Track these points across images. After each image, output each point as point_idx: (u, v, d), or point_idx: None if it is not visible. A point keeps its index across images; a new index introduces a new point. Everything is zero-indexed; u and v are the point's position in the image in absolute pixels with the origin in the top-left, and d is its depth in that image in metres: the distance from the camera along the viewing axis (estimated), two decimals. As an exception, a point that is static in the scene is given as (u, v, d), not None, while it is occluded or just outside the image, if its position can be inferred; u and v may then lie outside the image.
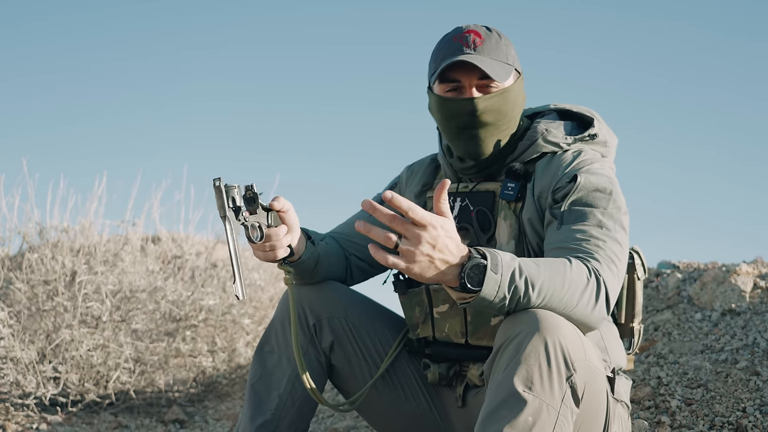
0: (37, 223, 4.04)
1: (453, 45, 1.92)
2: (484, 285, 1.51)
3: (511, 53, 1.95)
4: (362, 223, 1.51)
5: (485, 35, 1.92)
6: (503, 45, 1.93)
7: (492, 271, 1.52)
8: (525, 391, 1.53)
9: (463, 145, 1.96)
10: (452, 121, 1.94)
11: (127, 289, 3.76)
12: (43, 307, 3.65)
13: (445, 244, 1.50)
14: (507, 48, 1.94)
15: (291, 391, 2.00)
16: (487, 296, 1.53)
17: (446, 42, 1.94)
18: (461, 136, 1.94)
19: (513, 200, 1.92)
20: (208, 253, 4.42)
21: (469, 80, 1.90)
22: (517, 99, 1.95)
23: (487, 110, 1.90)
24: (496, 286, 1.52)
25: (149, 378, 3.75)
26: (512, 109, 1.94)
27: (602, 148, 1.98)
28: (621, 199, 1.83)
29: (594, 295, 1.62)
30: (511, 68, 1.93)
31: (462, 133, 1.94)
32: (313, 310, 2.03)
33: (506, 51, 1.93)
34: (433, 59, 1.97)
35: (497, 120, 1.92)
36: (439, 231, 1.49)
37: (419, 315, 2.03)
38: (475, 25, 1.95)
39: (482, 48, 1.90)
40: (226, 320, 4.02)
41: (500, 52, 1.92)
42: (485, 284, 1.51)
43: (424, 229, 1.48)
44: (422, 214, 1.48)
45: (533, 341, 1.54)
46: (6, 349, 3.45)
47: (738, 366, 2.76)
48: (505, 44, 1.94)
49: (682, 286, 3.41)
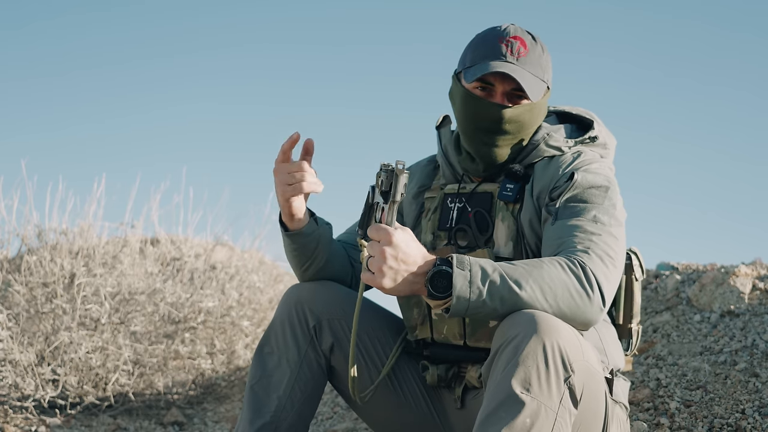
0: (36, 225, 4.04)
1: (497, 48, 1.91)
2: (454, 283, 1.57)
3: (549, 68, 1.96)
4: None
5: (530, 46, 1.92)
6: (544, 60, 1.94)
7: (459, 268, 1.58)
8: (523, 392, 1.53)
9: (477, 147, 1.96)
10: (474, 121, 1.94)
11: (125, 291, 3.76)
12: (42, 310, 3.65)
13: (406, 254, 1.60)
14: (546, 63, 1.95)
15: (291, 393, 2.00)
16: (462, 294, 1.57)
17: (491, 40, 1.93)
18: (478, 137, 1.95)
19: (511, 201, 1.92)
20: (207, 255, 4.42)
21: (503, 87, 1.91)
22: (540, 112, 1.96)
23: (512, 121, 1.91)
24: (466, 282, 1.57)
25: (148, 380, 3.75)
26: (535, 122, 1.95)
27: (602, 150, 1.99)
28: (618, 197, 1.84)
29: (582, 287, 1.62)
30: (545, 85, 1.94)
31: (480, 134, 1.94)
32: (313, 312, 2.03)
33: (545, 66, 1.94)
34: (472, 52, 1.95)
35: (517, 130, 1.93)
36: (398, 241, 1.59)
37: (417, 316, 2.03)
38: (522, 31, 1.94)
39: (525, 60, 1.90)
40: (225, 322, 4.02)
41: (540, 67, 1.93)
42: (454, 281, 1.57)
43: (385, 242, 1.59)
44: (374, 230, 1.61)
45: (531, 343, 1.54)
46: (5, 351, 3.45)
47: (737, 367, 2.76)
48: (546, 59, 1.95)
49: (681, 288, 3.41)
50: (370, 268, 1.61)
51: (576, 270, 1.63)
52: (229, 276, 4.27)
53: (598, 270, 1.65)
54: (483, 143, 1.95)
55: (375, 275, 1.60)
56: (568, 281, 1.61)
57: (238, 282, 4.27)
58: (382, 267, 1.58)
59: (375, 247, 1.60)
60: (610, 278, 1.68)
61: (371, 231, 1.63)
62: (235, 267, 4.40)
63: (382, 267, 1.58)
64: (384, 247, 1.58)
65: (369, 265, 1.61)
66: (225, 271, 4.30)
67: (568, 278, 1.61)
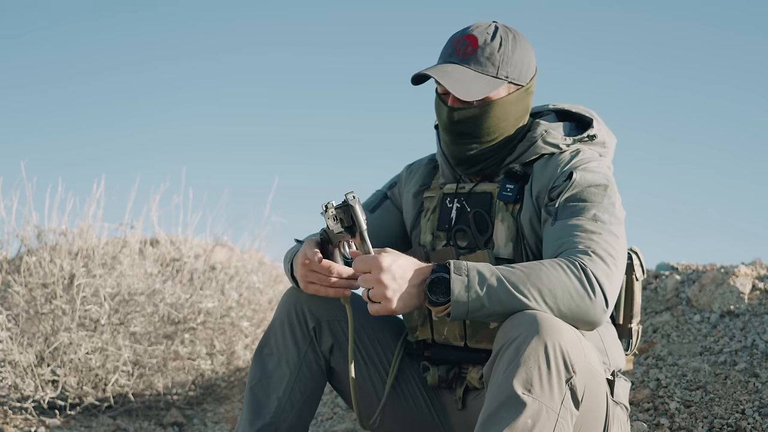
0: (36, 226, 4.03)
1: (449, 48, 1.93)
2: (452, 288, 1.59)
3: (511, 63, 1.89)
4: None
5: (482, 44, 1.88)
6: (500, 55, 1.88)
7: (456, 274, 1.60)
8: (524, 393, 1.53)
9: (447, 147, 1.99)
10: (438, 122, 1.99)
11: (125, 291, 3.76)
12: (42, 311, 3.64)
13: (402, 270, 1.63)
14: (506, 58, 1.89)
15: (290, 395, 2.00)
16: (460, 299, 1.59)
17: (449, 42, 1.94)
18: (444, 137, 1.98)
19: (511, 202, 1.92)
20: (206, 255, 4.42)
21: (441, 88, 1.93)
22: (507, 112, 1.92)
23: (463, 122, 1.91)
24: (464, 287, 1.59)
25: (148, 381, 3.74)
26: (498, 121, 1.91)
27: (600, 149, 1.98)
28: (617, 195, 1.83)
29: (584, 288, 1.62)
30: (501, 82, 1.88)
31: (445, 135, 1.97)
32: (313, 313, 2.03)
33: (502, 62, 1.88)
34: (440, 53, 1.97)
35: (476, 132, 1.91)
36: (388, 263, 1.62)
37: (418, 318, 2.03)
38: (483, 28, 1.91)
39: (471, 58, 1.88)
40: (225, 323, 4.02)
41: (490, 64, 1.88)
42: (452, 286, 1.59)
43: (377, 270, 1.61)
44: (363, 261, 1.63)
45: (533, 343, 1.54)
46: (4, 352, 3.44)
47: (737, 368, 2.76)
48: (506, 54, 1.89)
49: (681, 288, 3.41)
50: (373, 300, 1.63)
51: (577, 272, 1.63)
52: (229, 277, 4.27)
53: (599, 271, 1.65)
54: (448, 143, 1.97)
55: (382, 304, 1.63)
56: (568, 283, 1.61)
57: (237, 282, 4.27)
58: (386, 293, 1.61)
59: (369, 279, 1.63)
60: (612, 278, 1.67)
61: (357, 265, 1.65)
62: (235, 267, 4.39)
63: (386, 293, 1.61)
64: (379, 276, 1.61)
65: (371, 296, 1.63)
66: (224, 271, 4.30)
67: (568, 280, 1.61)
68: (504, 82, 1.89)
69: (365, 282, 1.64)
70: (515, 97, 1.92)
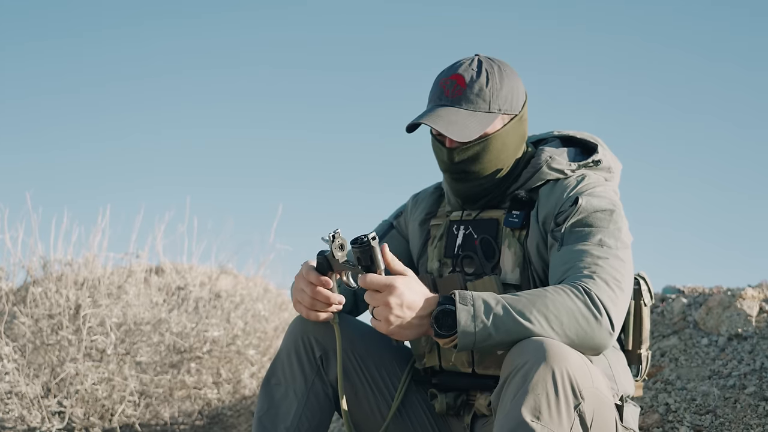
0: (41, 256, 4.04)
1: (437, 90, 1.94)
2: (458, 318, 1.59)
3: (501, 95, 1.90)
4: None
5: (469, 81, 1.89)
6: (489, 90, 1.89)
7: (462, 304, 1.60)
8: (533, 420, 1.53)
9: (450, 185, 2.01)
10: (438, 163, 2.00)
11: (131, 321, 3.76)
12: (48, 341, 3.64)
13: (411, 300, 1.63)
14: (495, 91, 1.89)
15: (298, 424, 1.99)
16: (467, 329, 1.59)
17: (435, 83, 1.96)
18: (446, 176, 2.00)
19: (518, 228, 1.92)
20: (211, 283, 4.42)
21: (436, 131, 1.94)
22: (506, 143, 1.93)
23: (465, 160, 1.92)
24: (470, 316, 1.59)
25: (154, 411, 3.73)
26: (499, 154, 1.93)
27: (606, 173, 1.98)
28: (623, 220, 1.83)
29: (590, 311, 1.62)
30: (495, 115, 1.90)
31: (446, 175, 2.00)
32: (320, 342, 2.02)
33: (492, 96, 1.89)
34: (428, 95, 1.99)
35: (478, 168, 1.93)
36: (401, 289, 1.62)
37: (425, 344, 2.02)
38: (467, 65, 1.92)
39: (460, 98, 1.89)
40: (231, 351, 4.01)
41: (481, 100, 1.89)
42: (458, 317, 1.59)
43: (387, 293, 1.61)
44: (377, 280, 1.63)
45: (540, 370, 1.54)
46: (11, 384, 3.44)
47: (746, 391, 2.74)
48: (493, 88, 1.89)
49: (688, 311, 3.40)
50: (376, 317, 1.65)
51: (581, 296, 1.63)
52: (234, 305, 4.26)
53: (603, 294, 1.65)
54: (451, 182, 1.99)
55: (382, 323, 1.64)
56: (573, 308, 1.61)
57: (243, 311, 4.27)
58: (389, 317, 1.63)
59: (377, 297, 1.63)
60: (617, 301, 1.67)
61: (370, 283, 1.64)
62: (240, 295, 4.39)
63: (389, 317, 1.63)
64: (388, 299, 1.62)
65: (375, 314, 1.65)
66: (230, 299, 4.29)
67: (573, 305, 1.61)
68: (498, 115, 1.91)
69: (372, 299, 1.64)
70: (511, 127, 1.93)
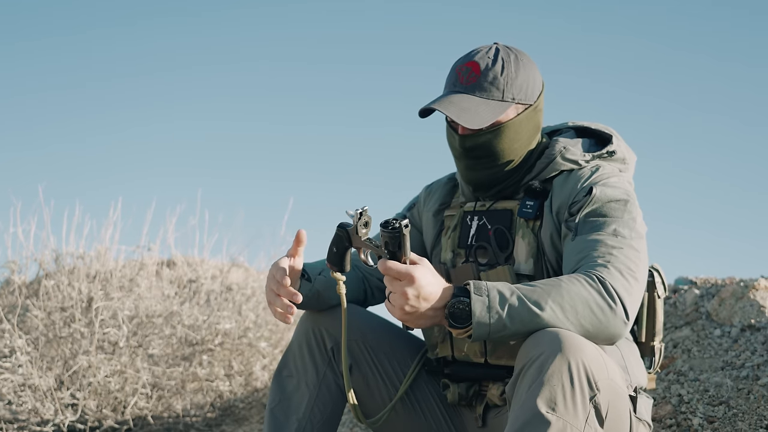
0: (53, 249, 4.06)
1: (452, 76, 1.94)
2: (472, 309, 1.58)
3: (516, 84, 1.89)
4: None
5: (484, 69, 1.89)
6: (503, 78, 1.88)
7: (476, 294, 1.59)
8: (548, 412, 1.52)
9: (461, 172, 2.00)
10: (450, 149, 2.00)
11: (143, 314, 3.77)
12: (60, 334, 3.66)
13: (429, 292, 1.61)
14: (510, 80, 1.89)
15: (310, 415, 2.00)
16: (482, 320, 1.58)
17: (452, 70, 1.96)
18: (458, 164, 2.00)
19: (531, 218, 1.92)
20: (223, 276, 4.43)
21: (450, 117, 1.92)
22: (519, 132, 1.92)
23: (476, 148, 1.92)
24: (485, 307, 1.58)
25: (166, 403, 3.75)
26: (511, 143, 1.92)
27: (620, 164, 1.98)
28: (637, 210, 1.83)
29: (604, 301, 1.61)
30: (508, 104, 1.89)
31: (458, 161, 1.99)
32: (331, 334, 2.03)
33: (506, 85, 1.89)
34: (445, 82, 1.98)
35: (490, 156, 1.92)
36: (420, 282, 1.60)
37: (438, 334, 2.02)
38: (480, 54, 1.92)
39: (474, 85, 1.89)
40: (243, 344, 4.02)
41: (495, 88, 1.88)
42: (473, 308, 1.58)
43: (406, 282, 1.60)
44: (397, 268, 1.60)
45: (556, 362, 1.54)
46: (24, 376, 3.46)
47: (760, 382, 2.73)
48: (508, 77, 1.89)
49: (700, 302, 3.38)
50: (392, 303, 1.63)
51: (596, 285, 1.62)
52: (246, 297, 4.27)
53: (618, 283, 1.64)
54: (461, 169, 1.99)
55: (396, 310, 1.63)
56: (588, 297, 1.61)
57: (254, 303, 4.27)
58: (404, 306, 1.61)
59: (396, 285, 1.61)
60: (632, 291, 1.67)
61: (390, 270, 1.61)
62: (251, 288, 4.40)
63: (404, 306, 1.61)
64: (405, 289, 1.60)
65: (390, 299, 1.63)
66: (241, 292, 4.30)
67: (588, 294, 1.61)
68: (511, 104, 1.90)
69: (391, 285, 1.62)
70: (525, 117, 1.92)
